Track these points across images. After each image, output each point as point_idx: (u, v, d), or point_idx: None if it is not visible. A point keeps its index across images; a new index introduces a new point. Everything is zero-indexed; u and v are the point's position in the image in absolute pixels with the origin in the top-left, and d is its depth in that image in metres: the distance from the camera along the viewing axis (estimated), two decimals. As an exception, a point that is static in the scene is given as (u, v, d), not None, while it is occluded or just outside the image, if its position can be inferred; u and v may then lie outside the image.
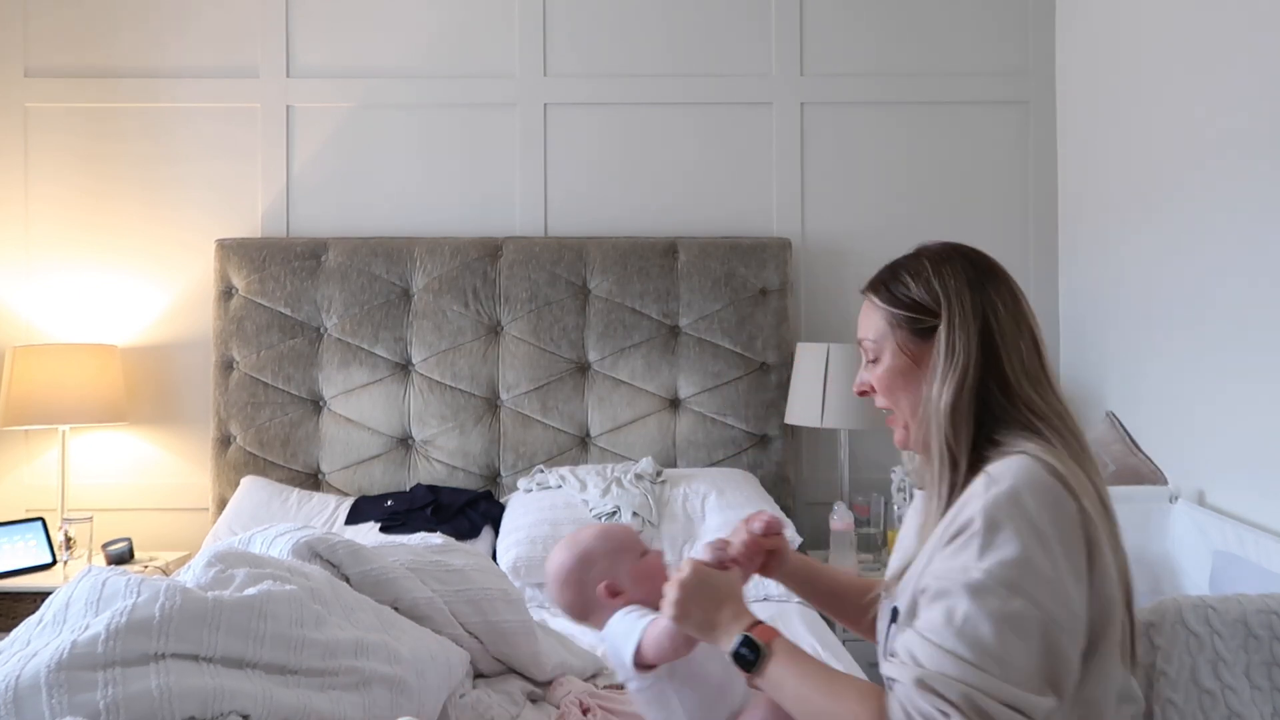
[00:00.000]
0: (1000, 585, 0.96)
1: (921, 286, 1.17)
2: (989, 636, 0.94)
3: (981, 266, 1.18)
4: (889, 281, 1.21)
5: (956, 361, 1.11)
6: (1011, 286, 1.18)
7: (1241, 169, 2.17)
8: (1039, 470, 1.02)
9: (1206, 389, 2.31)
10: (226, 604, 1.22)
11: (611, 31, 3.13)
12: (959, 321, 1.13)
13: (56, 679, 1.05)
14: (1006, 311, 1.14)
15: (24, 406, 2.74)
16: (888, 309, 1.19)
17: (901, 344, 1.18)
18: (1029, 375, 1.12)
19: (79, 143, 3.06)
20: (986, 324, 1.13)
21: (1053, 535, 0.99)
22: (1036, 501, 1.00)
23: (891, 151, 3.14)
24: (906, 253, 1.23)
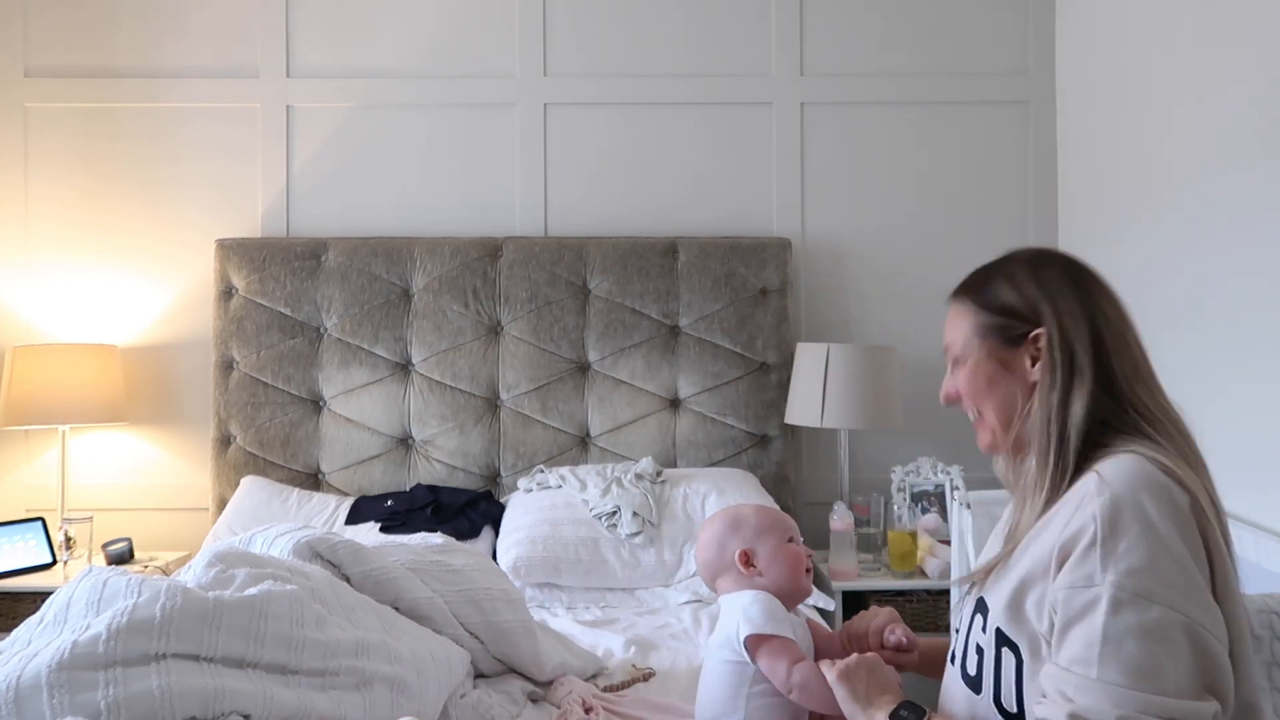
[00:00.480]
0: (1135, 596, 0.92)
1: (1015, 292, 1.15)
2: (1135, 654, 0.91)
3: (1079, 271, 1.16)
4: (979, 287, 1.19)
5: (1078, 367, 1.09)
6: (1111, 290, 1.16)
7: (1241, 169, 2.17)
8: (1150, 468, 1.00)
9: (1206, 389, 2.31)
10: (227, 604, 1.22)
11: (612, 31, 3.13)
12: (1069, 327, 1.11)
13: (57, 679, 1.05)
14: (1112, 311, 1.13)
15: (24, 406, 2.74)
16: (977, 315, 1.18)
17: (991, 350, 1.16)
18: (1140, 378, 1.11)
19: (79, 143, 3.06)
20: (1095, 328, 1.11)
21: (1175, 534, 0.95)
22: (1154, 501, 0.97)
23: (891, 151, 3.15)
24: (996, 258, 1.21)
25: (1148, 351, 1.14)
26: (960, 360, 1.20)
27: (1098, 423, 1.08)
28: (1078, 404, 1.08)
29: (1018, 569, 1.07)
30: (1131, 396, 1.09)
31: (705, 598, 2.38)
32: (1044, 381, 1.11)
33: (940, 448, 3.01)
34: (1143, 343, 1.14)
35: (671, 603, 2.38)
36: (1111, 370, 1.09)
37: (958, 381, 1.21)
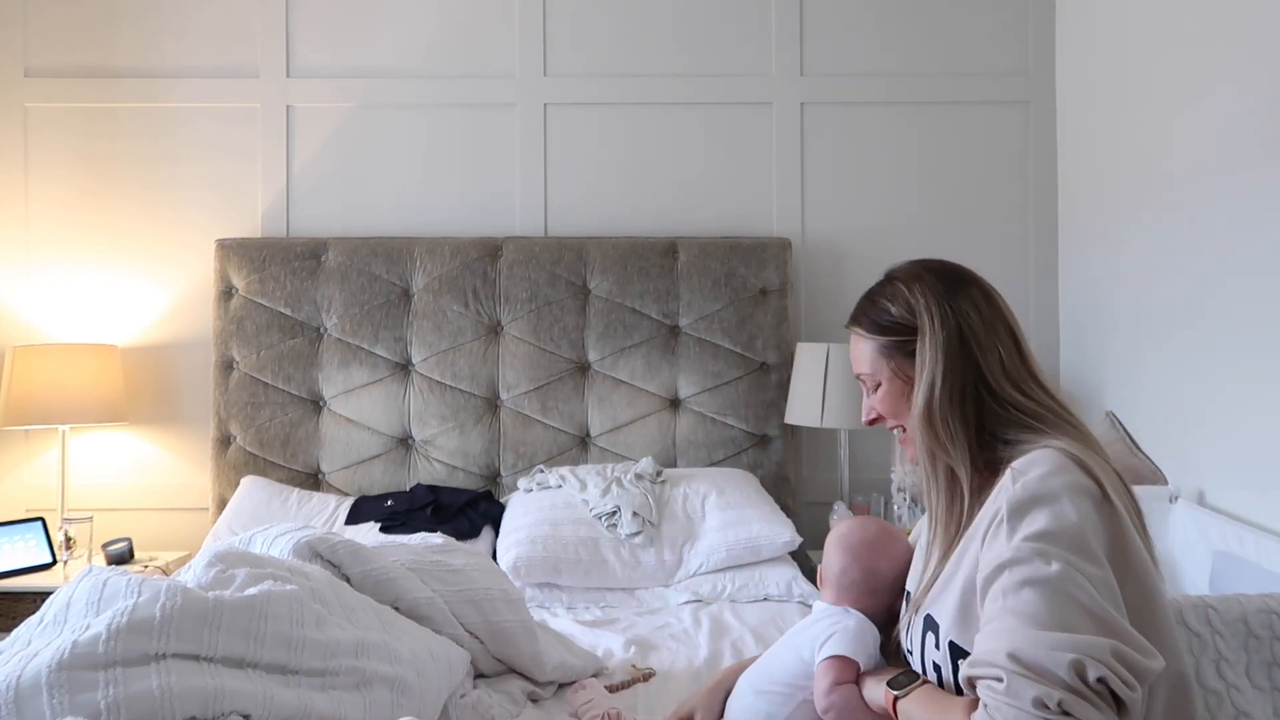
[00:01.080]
0: (1032, 553, 0.97)
1: (900, 306, 1.21)
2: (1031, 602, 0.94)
3: (949, 276, 1.21)
4: (869, 310, 1.25)
5: (924, 370, 1.15)
6: (984, 289, 1.20)
7: (1241, 169, 2.17)
8: (1061, 458, 1.05)
9: (1206, 389, 2.31)
10: (227, 604, 1.22)
11: (612, 31, 3.13)
12: (929, 332, 1.16)
13: (57, 679, 1.05)
14: (979, 316, 1.17)
15: (24, 406, 2.74)
16: (874, 337, 1.23)
17: (895, 369, 1.21)
18: (1009, 376, 1.15)
19: (79, 143, 3.06)
20: (960, 331, 1.15)
21: (1077, 513, 0.99)
22: (1062, 485, 1.02)
23: (892, 151, 3.15)
24: (879, 281, 1.27)
25: (1030, 346, 1.19)
26: (873, 383, 1.25)
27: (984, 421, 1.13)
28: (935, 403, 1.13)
29: (957, 579, 1.09)
30: (1005, 394, 1.14)
31: (705, 597, 2.38)
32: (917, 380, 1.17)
33: (940, 448, 3.01)
34: (1020, 340, 1.18)
35: (671, 603, 2.38)
36: (981, 372, 1.14)
37: (875, 404, 1.26)
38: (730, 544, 2.44)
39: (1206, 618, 1.43)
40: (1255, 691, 1.41)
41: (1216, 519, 2.14)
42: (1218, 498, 2.27)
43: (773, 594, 2.38)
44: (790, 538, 2.47)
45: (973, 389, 1.14)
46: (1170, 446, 2.46)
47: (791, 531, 2.48)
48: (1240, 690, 1.40)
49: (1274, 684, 1.42)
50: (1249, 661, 1.43)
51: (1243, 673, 1.42)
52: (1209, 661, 1.41)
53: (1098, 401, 2.87)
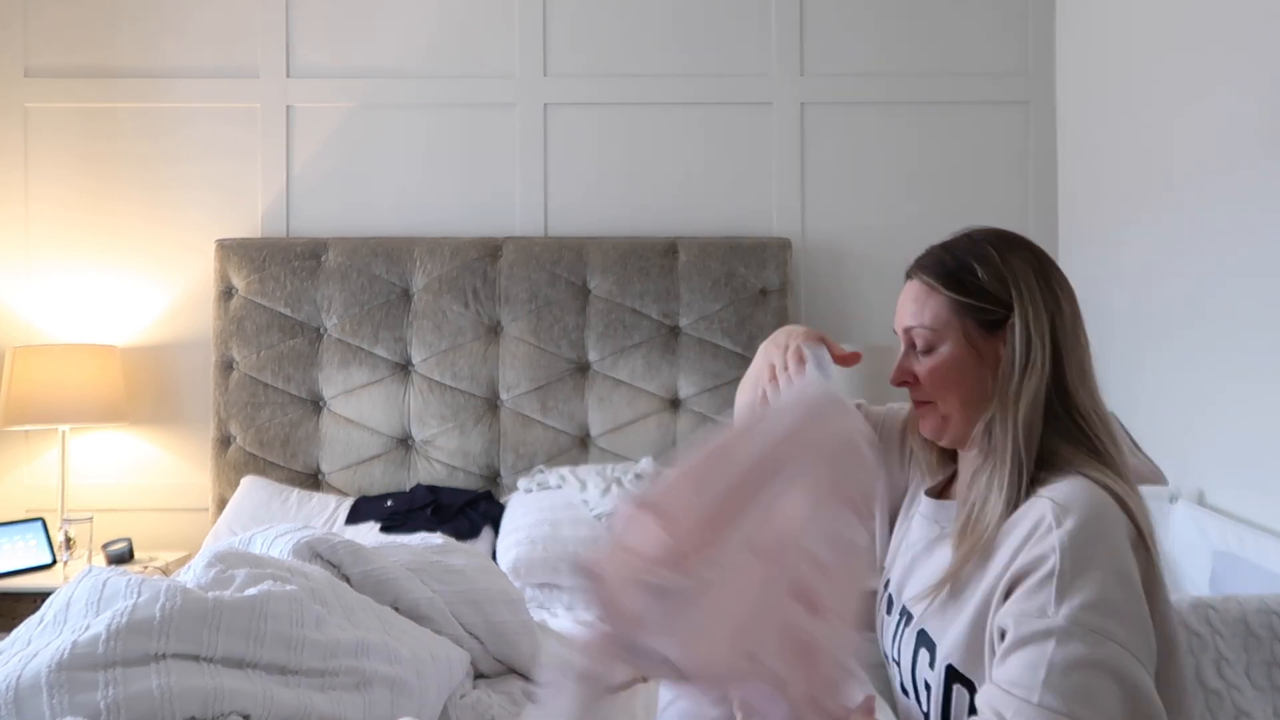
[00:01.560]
0: (1089, 632, 0.90)
1: (990, 273, 1.09)
2: (1078, 686, 0.89)
3: (1045, 260, 1.12)
4: (953, 266, 1.11)
5: (1035, 361, 1.04)
6: (1068, 284, 1.11)
7: (1241, 169, 2.17)
8: (1101, 496, 0.96)
9: (1206, 389, 2.31)
10: (227, 604, 1.22)
11: (612, 31, 3.13)
12: (1033, 317, 1.06)
13: (57, 679, 1.05)
14: (1070, 310, 1.09)
15: (24, 406, 2.74)
16: (954, 296, 1.10)
17: (968, 335, 1.09)
18: (1084, 381, 1.06)
19: (79, 143, 3.06)
20: (1054, 322, 1.06)
21: (1127, 569, 0.93)
22: (1110, 535, 0.94)
23: (891, 151, 3.15)
24: (958, 235, 1.15)
25: (1093, 353, 1.10)
26: (930, 343, 1.11)
27: (1044, 424, 1.03)
28: (1040, 400, 1.03)
29: (969, 606, 1.01)
30: (1078, 400, 1.05)
31: (705, 598, 2.37)
32: (1006, 372, 1.06)
33: (940, 448, 3.01)
34: (1087, 341, 1.09)
35: (671, 603, 2.38)
36: (1062, 370, 1.05)
37: (921, 366, 1.13)
38: (730, 544, 2.43)
39: (1206, 618, 1.43)
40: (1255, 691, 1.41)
41: (1216, 519, 2.14)
42: (1218, 498, 2.27)
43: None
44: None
45: (1050, 387, 1.04)
46: (1170, 446, 2.46)
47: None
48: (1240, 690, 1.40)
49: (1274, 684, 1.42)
50: (1249, 661, 1.43)
51: (1243, 673, 1.42)
52: (1209, 661, 1.41)
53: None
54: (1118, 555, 0.93)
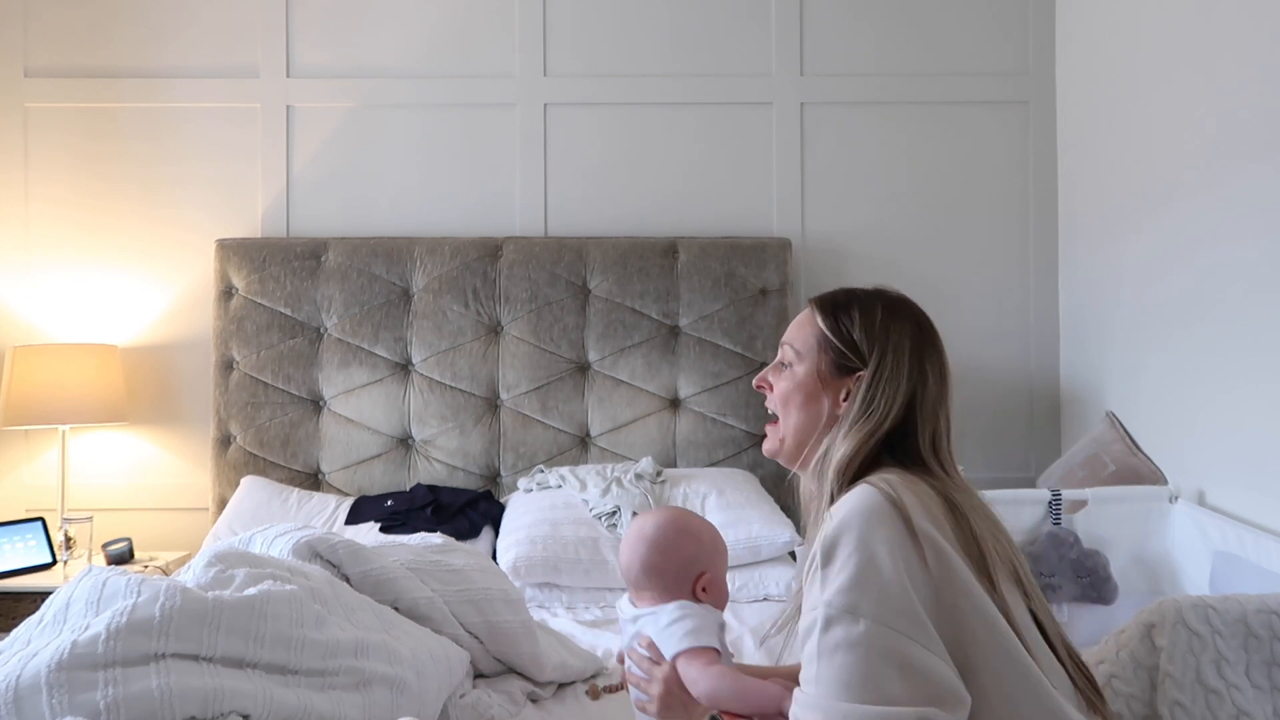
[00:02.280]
0: (842, 613, 0.97)
1: (864, 328, 1.19)
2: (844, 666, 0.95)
3: (927, 334, 1.21)
4: (839, 307, 1.23)
5: (872, 417, 1.14)
6: (945, 362, 1.20)
7: (1241, 169, 2.17)
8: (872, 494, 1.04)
9: (1206, 389, 2.31)
10: (227, 604, 1.22)
11: (612, 31, 3.13)
12: (888, 378, 1.15)
13: (57, 679, 1.05)
14: (935, 385, 1.17)
15: (24, 406, 2.74)
16: (824, 330, 1.21)
17: (821, 368, 1.21)
18: (937, 454, 1.15)
19: (79, 143, 3.06)
20: (914, 392, 1.15)
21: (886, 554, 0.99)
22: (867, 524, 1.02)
23: (891, 151, 3.15)
24: (868, 287, 1.25)
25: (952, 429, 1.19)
26: (791, 362, 1.24)
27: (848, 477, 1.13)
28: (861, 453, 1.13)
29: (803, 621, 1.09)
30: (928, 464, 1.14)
31: (705, 598, 2.38)
32: (842, 418, 1.17)
33: (940, 448, 3.01)
34: (950, 419, 1.19)
35: (671, 603, 2.38)
36: (915, 436, 1.15)
37: (778, 379, 1.25)
38: (730, 544, 2.39)
39: (1206, 617, 1.43)
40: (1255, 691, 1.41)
41: (1216, 519, 2.14)
42: (1218, 498, 2.27)
43: (773, 594, 2.38)
44: (790, 538, 2.47)
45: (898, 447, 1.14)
46: (1170, 446, 2.46)
47: (791, 531, 2.48)
48: (1240, 690, 1.40)
49: (1274, 684, 1.42)
50: (1249, 661, 1.43)
51: (1243, 673, 1.42)
52: (1209, 661, 1.41)
53: (1098, 401, 2.87)
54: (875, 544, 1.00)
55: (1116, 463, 2.53)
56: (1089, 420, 2.91)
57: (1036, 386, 3.13)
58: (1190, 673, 1.40)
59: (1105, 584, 2.21)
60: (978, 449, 3.09)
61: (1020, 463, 3.12)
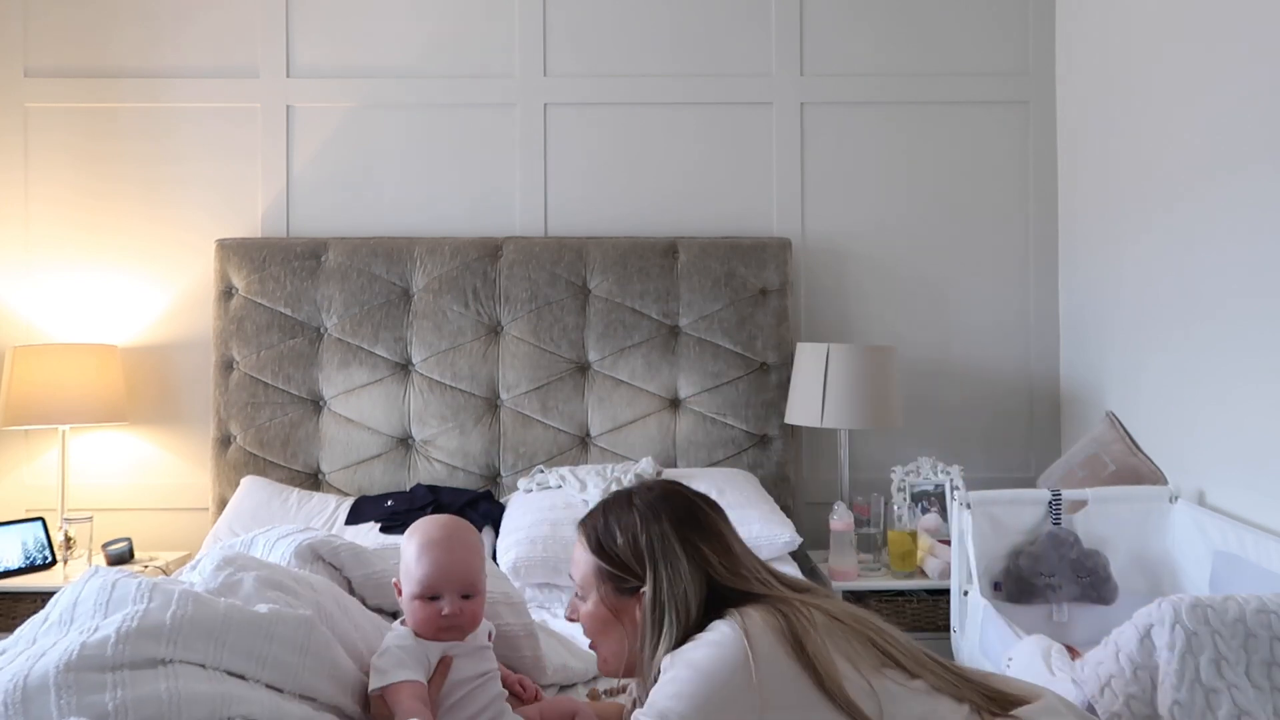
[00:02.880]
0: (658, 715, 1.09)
1: (629, 545, 1.24)
2: None
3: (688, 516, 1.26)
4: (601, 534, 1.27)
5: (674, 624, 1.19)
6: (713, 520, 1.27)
7: (1241, 169, 2.17)
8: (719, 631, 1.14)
9: (1206, 389, 2.32)
10: (235, 621, 1.21)
11: (611, 31, 3.13)
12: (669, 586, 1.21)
13: (65, 679, 1.05)
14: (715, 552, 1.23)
15: (24, 406, 2.74)
16: (596, 559, 1.26)
17: (604, 597, 1.26)
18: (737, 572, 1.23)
19: (79, 143, 3.06)
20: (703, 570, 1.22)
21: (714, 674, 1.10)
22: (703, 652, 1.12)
23: (891, 151, 3.15)
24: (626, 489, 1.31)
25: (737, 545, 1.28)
26: (582, 594, 1.29)
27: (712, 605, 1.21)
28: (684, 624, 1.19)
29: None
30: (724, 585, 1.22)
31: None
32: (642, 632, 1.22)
33: (940, 448, 3.02)
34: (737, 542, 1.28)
35: (672, 603, 2.38)
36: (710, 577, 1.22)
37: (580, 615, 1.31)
38: (730, 544, 2.43)
39: (1205, 617, 1.44)
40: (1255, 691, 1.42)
41: (1216, 519, 2.15)
42: (1218, 498, 2.27)
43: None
44: (790, 538, 2.47)
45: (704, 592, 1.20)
46: (1170, 446, 2.46)
47: (791, 531, 2.48)
48: (1240, 690, 1.40)
49: (1274, 684, 1.42)
50: (1249, 661, 1.43)
51: (1242, 672, 1.42)
52: (1208, 661, 1.41)
53: (1098, 401, 2.88)
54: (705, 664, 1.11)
55: (1116, 463, 2.53)
56: (1089, 420, 2.91)
57: (1036, 386, 3.14)
58: (1190, 672, 1.41)
59: (1105, 584, 2.22)
60: (978, 449, 3.09)
61: (1020, 463, 3.12)
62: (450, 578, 1.31)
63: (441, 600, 1.30)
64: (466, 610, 1.31)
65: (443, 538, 1.34)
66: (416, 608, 1.31)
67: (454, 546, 1.33)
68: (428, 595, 1.31)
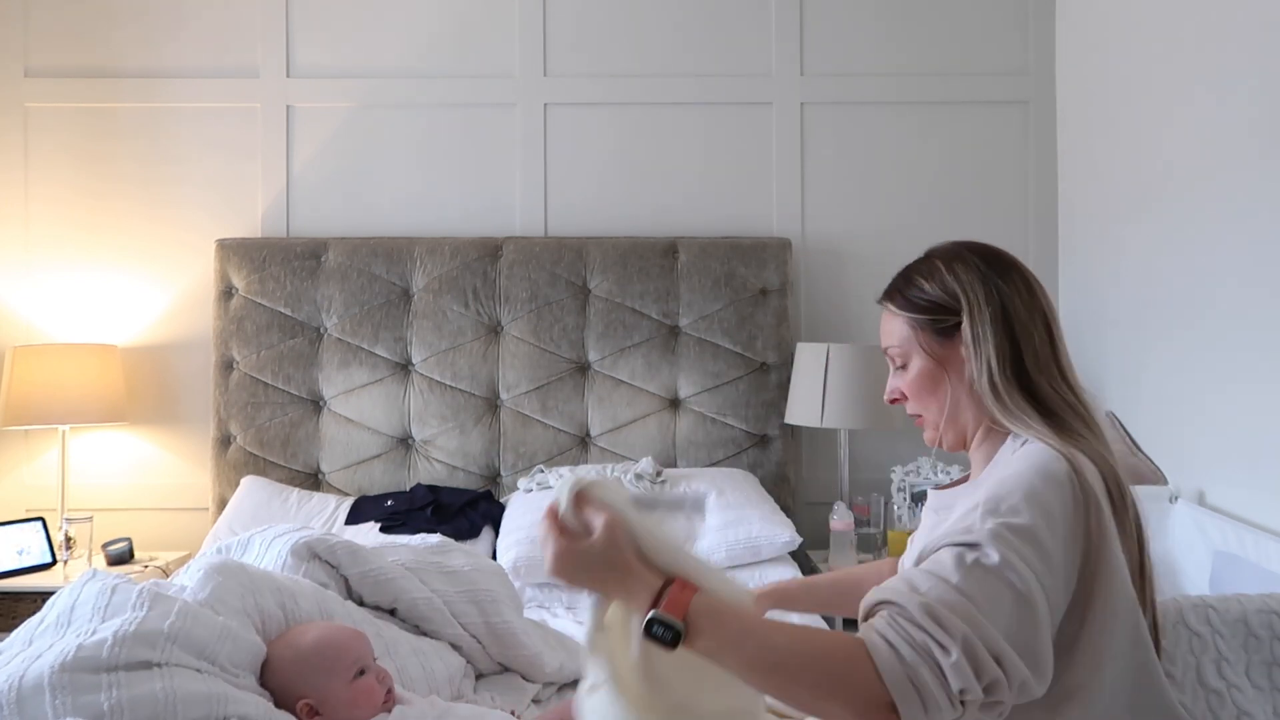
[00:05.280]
0: (1002, 543, 0.94)
1: (936, 286, 1.18)
2: (996, 587, 0.92)
3: (992, 259, 1.19)
4: (904, 287, 1.22)
5: (984, 348, 1.13)
6: (1025, 276, 1.19)
7: (1241, 168, 2.17)
8: (1053, 457, 1.03)
9: (1206, 389, 2.31)
10: (229, 637, 1.22)
11: (612, 31, 3.13)
12: (977, 312, 1.14)
13: (60, 680, 1.06)
14: (1021, 301, 1.15)
15: (24, 406, 2.74)
16: (908, 314, 1.20)
17: (926, 346, 1.19)
18: (1042, 366, 1.14)
19: (79, 143, 3.06)
20: (1004, 312, 1.14)
21: (1059, 520, 0.98)
22: (1046, 486, 1.00)
23: (891, 151, 3.15)
24: (917, 257, 1.25)
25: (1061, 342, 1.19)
26: (902, 362, 1.23)
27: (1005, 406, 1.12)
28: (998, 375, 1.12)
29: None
30: (1035, 383, 1.13)
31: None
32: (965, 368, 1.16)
33: (940, 448, 3.01)
34: (1056, 331, 1.19)
35: (672, 603, 2.38)
36: (1020, 354, 1.13)
37: (902, 383, 1.24)
38: (730, 544, 2.44)
39: (1206, 618, 1.43)
40: (1255, 691, 1.41)
41: (1216, 519, 2.14)
42: (1218, 498, 2.27)
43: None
44: (790, 538, 2.47)
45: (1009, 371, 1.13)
46: (1170, 446, 2.46)
47: (791, 531, 2.48)
48: (1240, 690, 1.40)
49: (1274, 684, 1.42)
50: (1249, 661, 1.43)
51: (1243, 673, 1.42)
52: (1209, 661, 1.41)
53: (1098, 401, 2.87)
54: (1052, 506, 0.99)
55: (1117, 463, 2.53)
56: (1089, 420, 2.91)
57: (1036, 386, 3.13)
58: (1191, 673, 1.41)
59: (1105, 584, 2.21)
60: (978, 449, 3.09)
61: (1020, 463, 3.11)
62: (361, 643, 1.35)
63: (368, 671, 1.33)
64: None
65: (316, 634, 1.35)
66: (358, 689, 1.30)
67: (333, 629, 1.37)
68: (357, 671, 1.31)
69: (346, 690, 1.29)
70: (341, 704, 1.28)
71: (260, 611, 1.36)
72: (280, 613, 1.38)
